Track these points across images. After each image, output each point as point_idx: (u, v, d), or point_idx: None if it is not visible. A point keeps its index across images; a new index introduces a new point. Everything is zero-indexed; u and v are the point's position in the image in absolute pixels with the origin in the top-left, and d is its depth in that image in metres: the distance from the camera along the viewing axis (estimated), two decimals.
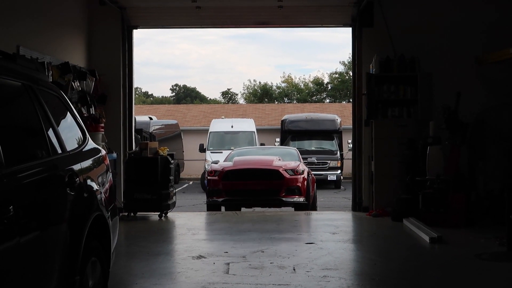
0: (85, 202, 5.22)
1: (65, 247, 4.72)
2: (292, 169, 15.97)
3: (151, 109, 46.56)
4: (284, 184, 15.57)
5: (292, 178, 15.69)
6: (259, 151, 20.83)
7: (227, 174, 15.88)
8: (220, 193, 15.78)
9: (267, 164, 16.27)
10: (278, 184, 15.58)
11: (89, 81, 13.69)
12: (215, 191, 15.90)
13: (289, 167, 16.03)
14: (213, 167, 16.60)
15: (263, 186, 15.59)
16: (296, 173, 15.85)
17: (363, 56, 14.74)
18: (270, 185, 15.61)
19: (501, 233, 10.05)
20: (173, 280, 7.90)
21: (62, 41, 13.42)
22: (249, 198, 15.61)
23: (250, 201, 15.83)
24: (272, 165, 16.16)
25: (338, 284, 7.58)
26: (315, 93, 62.23)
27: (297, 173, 15.85)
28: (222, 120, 32.35)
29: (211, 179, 16.13)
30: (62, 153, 5.19)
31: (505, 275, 8.22)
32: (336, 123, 28.43)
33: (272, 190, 15.55)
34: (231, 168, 16.15)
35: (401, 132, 13.77)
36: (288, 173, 15.71)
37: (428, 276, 8.21)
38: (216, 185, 15.90)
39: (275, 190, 15.54)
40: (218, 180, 15.82)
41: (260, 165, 16.37)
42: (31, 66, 5.34)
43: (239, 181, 15.71)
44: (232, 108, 49.84)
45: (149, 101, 65.63)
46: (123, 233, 11.81)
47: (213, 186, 16.02)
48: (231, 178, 15.83)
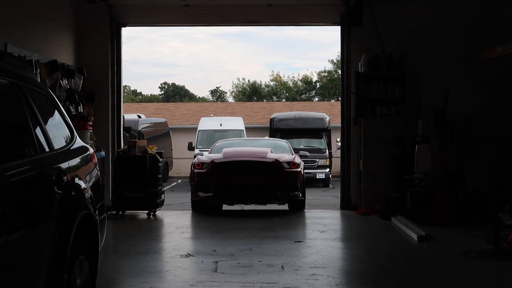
0: (72, 200, 5.19)
1: (52, 246, 4.69)
2: (288, 161, 14.47)
3: (139, 107, 46.45)
4: (281, 178, 14.09)
5: (290, 171, 14.24)
6: (247, 142, 19.06)
7: (217, 166, 14.25)
8: (208, 187, 14.18)
9: (261, 156, 14.73)
10: (275, 178, 14.09)
11: (77, 79, 13.65)
12: (203, 186, 14.27)
13: (285, 160, 14.54)
14: (200, 159, 14.89)
15: (258, 180, 14.07)
16: (293, 166, 14.39)
17: (352, 54, 14.78)
18: (266, 179, 14.08)
19: (489, 231, 10.09)
20: (161, 279, 7.89)
21: (50, 39, 13.37)
22: (242, 194, 14.27)
23: (244, 197, 14.48)
24: (267, 157, 14.67)
25: (326, 282, 7.59)
26: (304, 92, 62.27)
27: (294, 166, 14.41)
28: (211, 118, 32.29)
29: (198, 172, 14.39)
30: (49, 151, 5.17)
31: (492, 272, 8.26)
32: (325, 121, 28.43)
33: (268, 184, 14.08)
34: (222, 160, 14.49)
35: (389, 130, 13.81)
36: (285, 166, 14.28)
37: (416, 274, 8.23)
38: (204, 179, 14.23)
39: (271, 185, 14.08)
40: (207, 173, 14.18)
41: (254, 157, 14.73)
42: (19, 64, 5.32)
43: (231, 175, 14.14)
44: (221, 106, 49.80)
45: (138, 99, 65.52)
46: (112, 231, 11.77)
47: (201, 180, 14.31)
48: (222, 172, 14.22)
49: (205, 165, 14.32)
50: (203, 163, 14.46)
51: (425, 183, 12.24)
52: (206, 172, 14.20)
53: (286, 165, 14.27)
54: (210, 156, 15.04)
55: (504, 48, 12.61)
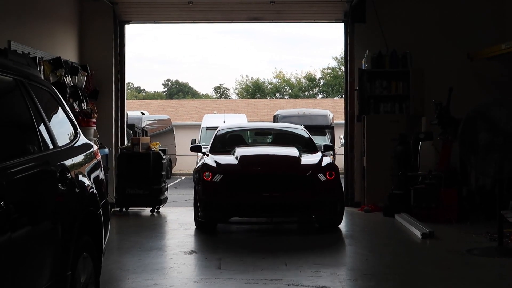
0: (76, 197, 5.20)
1: (56, 243, 4.71)
2: (325, 170, 10.99)
3: (143, 104, 46.50)
4: (318, 195, 10.75)
5: (329, 186, 10.87)
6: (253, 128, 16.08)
7: (232, 179, 10.86)
8: (220, 207, 10.78)
9: (292, 166, 11.17)
10: (309, 195, 10.74)
11: (81, 76, 13.66)
12: (214, 205, 10.81)
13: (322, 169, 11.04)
14: (207, 164, 11.28)
15: (288, 199, 10.70)
16: (330, 176, 10.93)
17: (355, 51, 14.77)
18: (297, 198, 10.74)
19: (492, 229, 10.08)
20: (165, 276, 7.90)
21: (53, 36, 13.38)
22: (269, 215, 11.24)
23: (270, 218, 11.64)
24: (300, 167, 11.11)
25: (330, 279, 7.59)
26: (307, 89, 62.26)
27: (332, 177, 10.93)
28: (214, 115, 32.30)
29: (207, 185, 10.89)
30: (53, 149, 5.18)
31: (496, 270, 8.25)
32: (328, 118, 28.40)
33: (300, 205, 10.77)
34: (239, 171, 11.02)
35: (393, 127, 13.81)
36: (322, 179, 10.85)
37: (420, 271, 8.23)
38: (214, 195, 10.78)
39: (304, 205, 10.79)
40: (218, 188, 10.78)
41: (282, 166, 11.29)
42: (23, 61, 5.32)
43: (252, 192, 10.76)
44: (224, 103, 49.82)
45: (141, 96, 65.51)
46: (115, 228, 11.80)
47: (210, 197, 10.82)
48: (239, 186, 10.80)
49: (216, 176, 10.87)
50: (212, 171, 10.99)
51: (428, 180, 12.23)
52: (217, 186, 10.81)
53: (322, 176, 10.87)
54: (221, 163, 11.23)
55: (508, 45, 12.59)
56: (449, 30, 14.53)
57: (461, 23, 14.51)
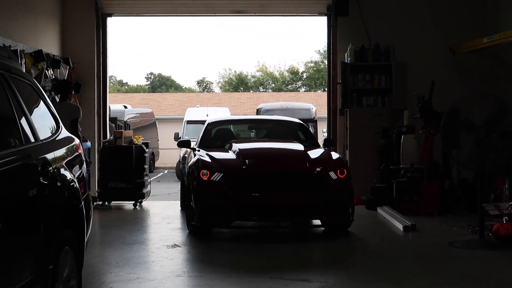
0: (58, 191, 5.17)
1: (38, 237, 4.68)
2: (335, 168, 9.88)
3: (125, 97, 46.37)
4: (328, 196, 9.64)
5: (340, 186, 9.78)
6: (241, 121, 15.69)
7: (235, 179, 9.62)
8: (223, 210, 9.50)
9: (301, 161, 10.04)
10: (318, 195, 9.62)
11: (63, 69, 13.58)
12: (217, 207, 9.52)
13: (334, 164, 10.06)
14: (204, 160, 10.04)
15: (295, 200, 9.58)
16: (342, 174, 9.87)
17: (338, 45, 14.78)
18: (305, 198, 9.62)
19: (474, 221, 10.14)
20: (147, 269, 7.88)
21: (35, 28, 13.29)
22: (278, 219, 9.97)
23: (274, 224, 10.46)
24: (307, 163, 9.95)
25: (312, 273, 7.60)
26: (290, 82, 62.28)
27: (343, 175, 9.88)
28: (197, 109, 32.26)
29: (206, 183, 9.62)
30: (35, 142, 5.15)
31: (477, 262, 8.30)
32: (311, 112, 28.44)
33: (309, 206, 9.67)
34: (243, 169, 9.75)
35: (375, 121, 13.86)
36: (333, 177, 9.75)
37: (402, 264, 8.27)
38: (216, 195, 9.53)
39: (313, 207, 9.67)
40: (220, 187, 9.51)
41: (288, 163, 10.06)
42: (4, 54, 5.28)
43: (256, 192, 9.58)
44: (207, 96, 49.81)
45: (124, 90, 65.26)
46: (98, 222, 11.77)
47: (210, 198, 9.58)
48: (242, 186, 9.59)
49: (216, 175, 9.59)
50: (210, 169, 9.70)
51: (410, 173, 12.28)
52: (217, 186, 9.55)
53: (334, 174, 9.79)
54: (220, 160, 10.07)
55: (490, 39, 12.66)
56: (432, 24, 14.58)
57: (443, 17, 14.57)
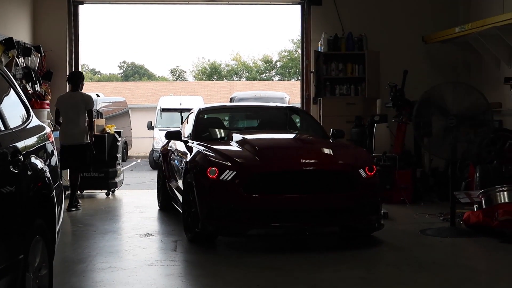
0: (29, 180, 5.12)
1: (8, 226, 4.64)
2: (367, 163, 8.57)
3: (98, 86, 46.04)
4: (358, 197, 8.31)
5: (370, 182, 8.45)
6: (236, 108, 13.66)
7: (256, 179, 8.08)
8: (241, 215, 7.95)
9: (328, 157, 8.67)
10: (353, 196, 8.29)
11: (34, 57, 13.44)
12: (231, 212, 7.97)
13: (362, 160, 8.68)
14: (209, 155, 8.47)
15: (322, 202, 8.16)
16: (373, 170, 8.52)
17: (312, 34, 14.78)
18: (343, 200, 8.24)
19: (445, 209, 10.24)
20: (120, 258, 7.85)
21: (5, 16, 13.12)
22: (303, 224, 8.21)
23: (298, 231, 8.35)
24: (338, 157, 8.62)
25: (283, 262, 7.62)
26: (264, 71, 62.25)
27: (372, 173, 8.48)
28: (170, 97, 32.11)
29: (216, 183, 8.07)
30: (4, 130, 5.10)
31: (448, 250, 8.39)
32: (285, 101, 28.45)
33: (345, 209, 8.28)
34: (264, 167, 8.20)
35: (348, 110, 13.90)
36: (363, 175, 8.37)
37: (375, 252, 8.31)
38: (229, 197, 7.99)
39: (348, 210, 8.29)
40: (234, 188, 7.98)
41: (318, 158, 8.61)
42: None
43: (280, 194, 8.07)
44: (180, 85, 49.58)
45: (97, 78, 64.77)
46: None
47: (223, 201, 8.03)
48: (265, 187, 8.08)
49: (227, 173, 8.04)
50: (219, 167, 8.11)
51: (383, 162, 12.35)
52: (229, 187, 8.02)
53: (363, 172, 8.38)
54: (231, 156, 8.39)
55: (462, 28, 12.75)
56: (404, 13, 14.65)
57: (415, 6, 14.64)
